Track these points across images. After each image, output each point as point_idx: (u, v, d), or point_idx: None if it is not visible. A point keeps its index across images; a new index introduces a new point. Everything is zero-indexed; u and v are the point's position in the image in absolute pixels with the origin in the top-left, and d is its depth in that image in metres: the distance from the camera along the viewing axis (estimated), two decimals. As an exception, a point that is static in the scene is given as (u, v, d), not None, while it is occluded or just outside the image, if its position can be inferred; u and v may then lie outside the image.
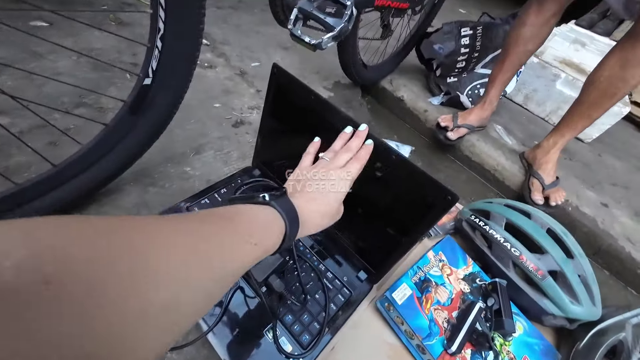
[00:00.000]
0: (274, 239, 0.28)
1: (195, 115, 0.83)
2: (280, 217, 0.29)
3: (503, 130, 1.12)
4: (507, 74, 0.93)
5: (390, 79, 1.19)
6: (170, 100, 0.53)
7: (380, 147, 0.44)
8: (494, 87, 0.97)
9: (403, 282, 0.54)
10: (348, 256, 0.57)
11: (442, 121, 0.99)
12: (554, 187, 0.87)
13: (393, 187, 0.47)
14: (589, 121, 0.81)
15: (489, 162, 1.01)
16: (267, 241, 0.27)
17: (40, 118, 0.53)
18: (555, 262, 0.55)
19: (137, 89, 0.49)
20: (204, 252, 0.20)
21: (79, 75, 0.82)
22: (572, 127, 0.84)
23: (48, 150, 0.64)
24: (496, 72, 0.95)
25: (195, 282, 0.18)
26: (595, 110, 0.79)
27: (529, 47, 0.87)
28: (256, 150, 0.66)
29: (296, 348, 0.46)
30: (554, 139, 0.88)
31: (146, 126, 0.53)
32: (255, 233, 0.25)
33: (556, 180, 0.88)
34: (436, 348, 0.48)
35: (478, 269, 0.61)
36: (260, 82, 1.02)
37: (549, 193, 0.86)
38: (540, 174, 0.88)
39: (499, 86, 0.96)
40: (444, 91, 1.13)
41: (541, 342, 0.55)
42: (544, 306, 0.55)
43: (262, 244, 0.25)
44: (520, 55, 0.90)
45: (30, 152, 0.64)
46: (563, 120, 0.87)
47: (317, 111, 0.49)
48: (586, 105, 0.79)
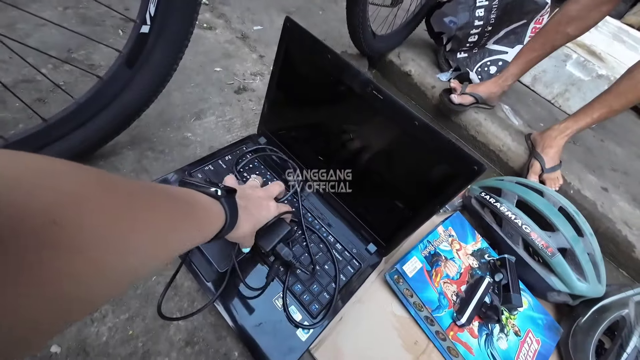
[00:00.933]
0: (212, 231, 0.30)
1: (194, 78, 0.78)
2: (224, 215, 0.32)
3: (510, 111, 1.10)
4: (536, 53, 0.87)
5: (398, 52, 1.14)
6: (170, 53, 0.48)
7: (400, 111, 0.41)
8: (516, 64, 0.91)
9: (413, 255, 0.53)
10: (357, 228, 0.55)
11: (451, 83, 0.96)
12: (554, 172, 0.85)
13: (412, 155, 0.44)
14: (609, 112, 0.78)
15: (495, 143, 1.00)
16: (208, 232, 0.29)
17: (32, 67, 0.47)
18: (565, 240, 0.55)
19: (134, 37, 0.44)
20: (172, 238, 0.23)
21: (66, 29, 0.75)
22: (589, 115, 0.81)
23: (35, 107, 0.59)
24: (525, 49, 0.89)
25: (154, 260, 0.22)
26: (619, 102, 0.75)
27: (570, 29, 0.80)
28: (262, 116, 0.62)
29: (305, 317, 0.45)
30: (566, 124, 0.85)
31: (144, 82, 0.48)
32: (205, 224, 0.28)
33: (557, 165, 0.86)
34: (445, 320, 0.48)
35: (486, 245, 0.61)
36: (263, 48, 0.96)
37: (546, 177, 0.85)
38: (543, 157, 0.86)
39: (521, 65, 0.90)
40: (453, 67, 1.09)
41: (545, 317, 0.56)
42: (551, 283, 0.55)
43: (204, 234, 0.28)
44: (557, 37, 0.83)
45: (17, 109, 0.59)
46: (582, 108, 0.84)
47: (333, 73, 0.46)
48: (613, 94, 0.76)
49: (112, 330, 0.41)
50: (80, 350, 0.39)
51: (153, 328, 0.42)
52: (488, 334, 0.49)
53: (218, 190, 0.32)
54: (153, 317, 0.43)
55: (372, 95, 0.42)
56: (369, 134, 0.48)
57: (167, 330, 0.43)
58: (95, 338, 0.40)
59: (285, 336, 0.42)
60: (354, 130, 0.49)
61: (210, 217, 0.30)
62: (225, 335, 0.44)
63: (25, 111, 0.57)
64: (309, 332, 0.44)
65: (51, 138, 0.45)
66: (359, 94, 0.44)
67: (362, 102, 0.45)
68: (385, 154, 0.47)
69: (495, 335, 0.50)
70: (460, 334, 0.48)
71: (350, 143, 0.50)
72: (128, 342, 0.41)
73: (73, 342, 0.39)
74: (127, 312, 0.42)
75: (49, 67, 0.67)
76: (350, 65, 0.43)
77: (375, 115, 0.45)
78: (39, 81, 0.63)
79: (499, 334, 0.50)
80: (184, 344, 0.42)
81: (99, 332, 0.40)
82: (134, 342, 0.41)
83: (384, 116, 0.43)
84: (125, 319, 0.42)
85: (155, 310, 0.43)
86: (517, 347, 0.50)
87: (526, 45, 0.90)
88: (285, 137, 0.61)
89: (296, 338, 0.43)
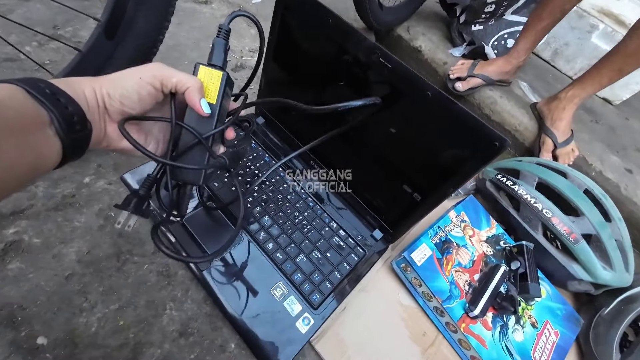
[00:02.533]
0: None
1: (189, 56, 0.73)
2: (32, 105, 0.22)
3: (528, 88, 1.02)
4: (544, 22, 0.80)
5: (407, 26, 1.07)
6: (153, 22, 0.43)
7: (411, 81, 0.36)
8: (525, 38, 0.84)
9: (423, 242, 0.49)
10: (362, 214, 0.52)
11: (454, 71, 0.89)
12: (567, 146, 0.79)
13: (424, 131, 0.40)
14: (618, 75, 0.71)
15: (511, 122, 0.93)
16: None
17: (14, 47, 0.44)
18: (591, 225, 0.50)
19: (112, 3, 0.40)
20: None
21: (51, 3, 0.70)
22: (597, 81, 0.74)
23: (19, 87, 0.56)
24: (531, 19, 0.82)
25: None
26: (629, 64, 0.68)
27: None
28: (259, 94, 0.57)
29: (306, 307, 0.42)
30: (573, 92, 0.77)
31: (127, 55, 0.44)
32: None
33: (570, 137, 0.79)
34: (456, 311, 0.45)
35: (502, 231, 0.56)
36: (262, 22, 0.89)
37: (560, 153, 0.78)
38: (554, 132, 0.79)
39: (530, 37, 0.83)
40: (467, 41, 1.01)
41: (564, 306, 0.52)
42: (572, 271, 0.51)
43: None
44: (565, 1, 0.75)
45: None
46: (588, 73, 0.76)
47: (335, 39, 0.41)
48: (621, 56, 0.69)
49: (102, 320, 0.39)
50: (69, 342, 0.37)
51: (145, 318, 0.40)
52: (503, 326, 0.46)
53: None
54: (145, 306, 0.41)
55: (379, 64, 0.37)
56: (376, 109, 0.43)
57: (159, 321, 0.40)
58: (84, 329, 0.38)
59: (284, 327, 0.40)
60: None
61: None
62: (221, 326, 0.42)
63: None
64: (309, 323, 0.41)
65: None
66: (365, 63, 0.39)
67: (368, 72, 0.40)
68: (393, 130, 0.42)
69: (510, 327, 0.46)
70: (472, 325, 0.45)
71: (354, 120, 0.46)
72: (119, 333, 0.38)
73: (60, 333, 0.37)
74: (117, 302, 0.40)
75: (34, 44, 0.63)
76: (354, 30, 0.38)
77: (383, 86, 0.40)
78: (23, 60, 0.59)
79: (515, 325, 0.47)
80: (177, 334, 0.40)
81: (88, 323, 0.38)
82: (125, 333, 0.39)
83: (392, 87, 0.39)
84: (115, 309, 0.40)
85: (147, 299, 0.41)
86: (534, 339, 0.47)
87: (532, 15, 0.81)
88: (284, 116, 0.56)
89: (296, 330, 0.40)
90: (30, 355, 0.35)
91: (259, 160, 0.54)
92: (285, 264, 0.44)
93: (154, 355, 0.38)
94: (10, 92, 0.21)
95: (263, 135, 0.58)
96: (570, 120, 0.80)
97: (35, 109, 0.22)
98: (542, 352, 0.46)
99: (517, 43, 0.86)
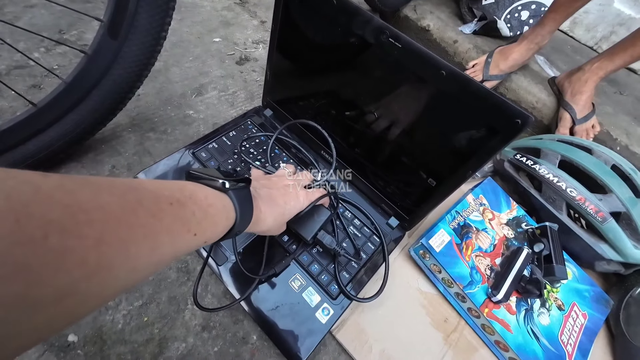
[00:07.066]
0: (218, 230, 0.26)
1: (193, 51, 0.73)
2: (233, 209, 0.28)
3: (545, 62, 0.97)
4: (580, 2, 0.70)
5: (413, 5, 1.02)
6: (155, 18, 0.42)
7: (424, 60, 0.34)
8: (553, 20, 0.73)
9: (440, 228, 0.48)
10: (377, 202, 0.51)
11: (470, 73, 0.83)
12: (587, 122, 0.73)
13: (439, 112, 0.38)
14: None
15: (527, 99, 0.89)
16: (210, 233, 0.25)
17: (23, 54, 0.44)
18: (620, 203, 0.47)
19: (114, 2, 0.39)
20: (162, 241, 0.20)
21: (55, 7, 0.70)
22: (629, 53, 0.66)
23: (31, 94, 0.57)
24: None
25: (147, 266, 0.19)
26: None
27: None
28: (266, 86, 0.56)
29: (325, 298, 0.42)
30: (599, 65, 0.71)
31: (132, 53, 0.43)
32: (201, 224, 0.23)
33: (591, 113, 0.73)
34: (479, 296, 0.44)
35: (523, 213, 0.54)
36: (264, 12, 0.88)
37: (578, 129, 0.73)
38: (573, 107, 0.73)
39: (560, 19, 0.73)
40: (477, 16, 0.96)
41: (592, 288, 0.50)
42: (600, 251, 0.49)
43: (203, 235, 0.24)
44: None
45: (13, 97, 0.56)
46: (621, 43, 0.69)
47: (341, 22, 0.39)
48: None
49: (127, 317, 0.40)
50: (97, 339, 0.38)
51: (168, 314, 0.41)
52: (527, 310, 0.45)
53: (226, 182, 0.27)
54: (167, 302, 0.42)
55: (389, 44, 0.36)
56: (388, 93, 0.42)
57: (182, 316, 0.41)
58: (111, 326, 0.39)
59: (304, 318, 0.40)
60: (370, 91, 0.43)
61: (214, 216, 0.25)
62: (242, 319, 0.42)
63: (22, 99, 0.55)
64: (329, 313, 0.41)
65: (43, 123, 0.43)
66: (374, 45, 0.37)
67: (377, 55, 0.38)
68: (407, 114, 0.41)
69: (535, 311, 0.45)
70: (496, 310, 0.44)
71: (366, 106, 0.44)
72: (144, 329, 0.39)
73: (89, 330, 0.38)
74: (140, 299, 0.41)
75: (41, 50, 0.63)
76: (361, 10, 0.37)
77: (394, 68, 0.38)
78: (32, 66, 0.60)
79: (540, 309, 0.45)
80: (200, 328, 0.41)
81: (114, 320, 0.39)
82: (150, 329, 0.40)
83: (404, 68, 0.37)
84: (139, 305, 0.41)
85: (168, 295, 0.42)
86: (561, 322, 0.45)
87: None
88: (292, 108, 0.55)
89: (316, 320, 0.40)
90: (63, 352, 0.36)
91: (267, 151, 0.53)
92: (301, 256, 0.44)
93: (179, 349, 0.39)
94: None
95: (271, 126, 0.57)
96: (591, 94, 0.74)
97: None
98: (569, 335, 0.45)
99: (541, 25, 0.77)
